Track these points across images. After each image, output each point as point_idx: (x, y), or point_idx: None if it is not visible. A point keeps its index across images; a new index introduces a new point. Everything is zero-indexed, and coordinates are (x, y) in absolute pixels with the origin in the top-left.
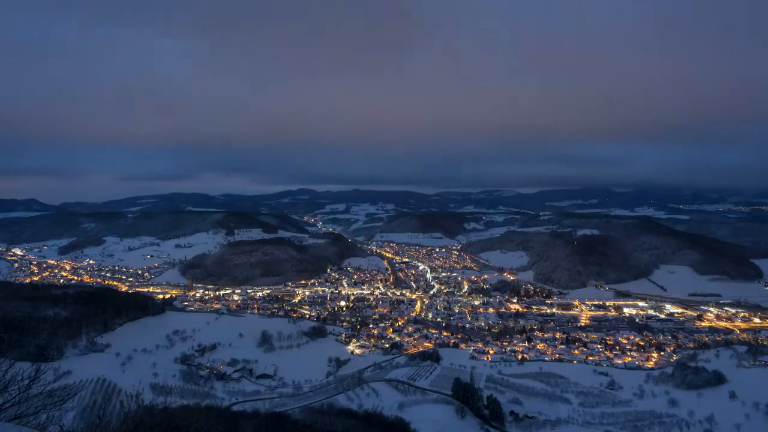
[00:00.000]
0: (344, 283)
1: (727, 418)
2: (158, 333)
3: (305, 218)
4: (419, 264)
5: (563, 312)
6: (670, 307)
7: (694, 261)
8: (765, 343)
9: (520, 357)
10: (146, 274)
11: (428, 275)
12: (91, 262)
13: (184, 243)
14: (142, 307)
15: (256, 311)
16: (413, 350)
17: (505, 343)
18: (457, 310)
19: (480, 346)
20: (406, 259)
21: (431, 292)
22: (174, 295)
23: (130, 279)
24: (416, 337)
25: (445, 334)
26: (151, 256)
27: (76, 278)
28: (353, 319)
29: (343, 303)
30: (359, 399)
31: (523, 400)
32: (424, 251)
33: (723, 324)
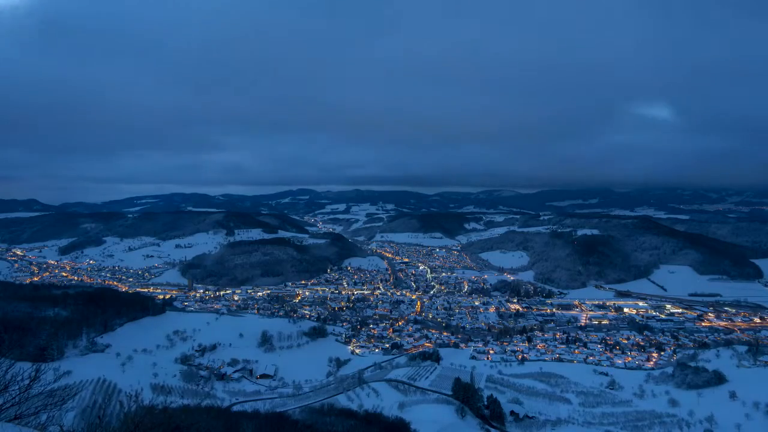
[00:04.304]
0: (344, 283)
1: (727, 417)
2: (158, 333)
3: (305, 218)
4: (419, 264)
5: (563, 312)
6: (670, 307)
7: (694, 261)
8: (765, 343)
9: (520, 357)
10: (146, 274)
11: (428, 275)
12: (91, 262)
13: (184, 243)
14: (143, 307)
15: (256, 311)
16: (413, 350)
17: (505, 343)
18: (457, 310)
19: (480, 346)
20: (406, 259)
21: (431, 292)
22: (174, 295)
23: (130, 279)
24: (416, 337)
25: (445, 334)
26: (151, 256)
27: (76, 278)
28: (353, 320)
29: (343, 303)
30: (359, 399)
31: (524, 400)
32: (424, 251)
33: (723, 324)
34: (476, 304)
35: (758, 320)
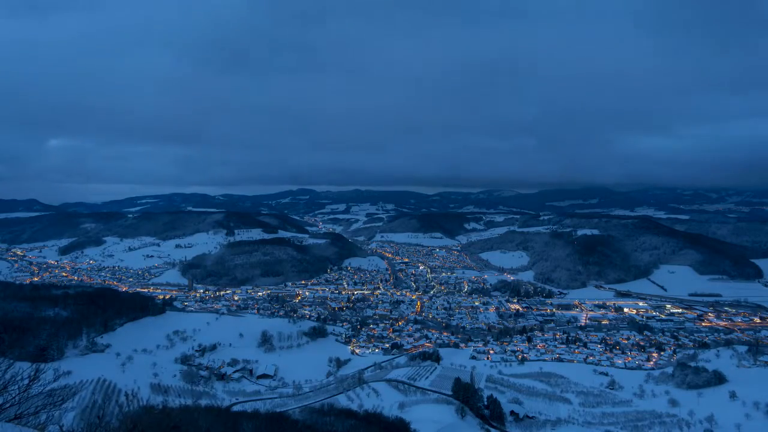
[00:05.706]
0: (344, 283)
1: (727, 417)
2: (158, 333)
3: (305, 218)
4: (419, 264)
5: (563, 312)
6: (670, 307)
7: (694, 261)
8: (765, 343)
9: (520, 357)
10: (146, 274)
11: (428, 275)
12: (91, 262)
13: (184, 243)
14: (143, 307)
15: (256, 311)
16: (413, 350)
17: (505, 343)
18: (457, 310)
19: (480, 346)
20: (406, 260)
21: (431, 293)
22: (174, 296)
23: (131, 279)
24: (416, 337)
25: (445, 334)
26: (151, 256)
27: (76, 278)
28: (353, 320)
29: (343, 303)
30: (359, 399)
31: (524, 400)
32: (424, 251)
33: (723, 324)
34: (476, 304)
35: (758, 320)
